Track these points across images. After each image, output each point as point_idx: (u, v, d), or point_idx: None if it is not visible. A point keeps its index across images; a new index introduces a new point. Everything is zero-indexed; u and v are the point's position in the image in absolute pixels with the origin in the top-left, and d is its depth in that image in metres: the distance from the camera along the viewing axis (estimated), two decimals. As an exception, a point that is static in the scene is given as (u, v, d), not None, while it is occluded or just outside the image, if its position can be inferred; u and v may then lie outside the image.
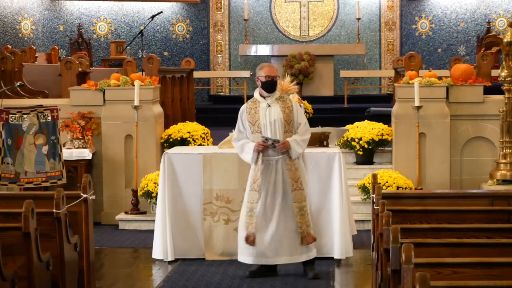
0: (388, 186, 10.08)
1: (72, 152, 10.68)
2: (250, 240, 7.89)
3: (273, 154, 7.89)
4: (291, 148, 7.83)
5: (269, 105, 7.93)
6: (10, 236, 5.77)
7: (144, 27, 14.86)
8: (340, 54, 18.78)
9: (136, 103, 10.63)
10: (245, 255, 8.03)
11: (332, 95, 17.32)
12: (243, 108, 8.06)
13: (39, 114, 9.18)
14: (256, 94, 8.06)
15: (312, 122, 11.08)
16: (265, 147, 7.83)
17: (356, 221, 9.50)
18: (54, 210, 6.28)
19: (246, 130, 7.99)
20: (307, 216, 7.94)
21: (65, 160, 9.48)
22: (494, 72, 12.76)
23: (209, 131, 11.82)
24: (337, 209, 8.42)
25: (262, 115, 7.90)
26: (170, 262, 8.65)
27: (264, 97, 7.99)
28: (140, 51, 17.98)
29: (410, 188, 10.19)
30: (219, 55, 19.48)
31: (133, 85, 10.79)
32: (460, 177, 10.91)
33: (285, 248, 7.95)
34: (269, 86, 7.97)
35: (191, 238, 8.82)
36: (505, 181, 10.53)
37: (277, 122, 7.88)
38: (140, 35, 14.13)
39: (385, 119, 11.88)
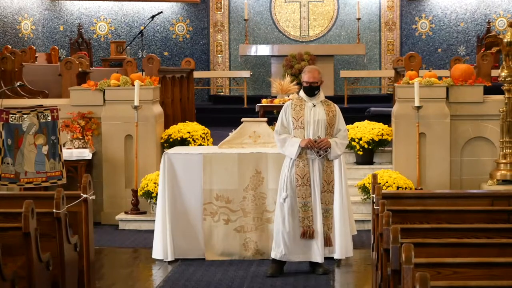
0: (388, 186, 10.08)
1: (72, 152, 10.67)
2: (310, 234, 7.98)
3: (311, 153, 7.99)
4: (331, 147, 7.96)
5: (314, 105, 8.08)
6: (10, 236, 5.76)
7: (144, 27, 14.87)
8: (340, 54, 18.79)
9: (136, 103, 10.63)
10: (277, 252, 8.11)
11: (332, 95, 17.33)
12: (287, 103, 8.21)
13: (39, 114, 9.18)
14: (302, 93, 8.22)
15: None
16: (313, 146, 7.92)
17: (356, 221, 9.51)
18: (54, 210, 6.28)
19: (288, 126, 8.08)
20: (331, 219, 8.06)
21: (65, 160, 9.48)
22: (494, 72, 12.76)
23: (209, 131, 11.83)
24: (337, 209, 8.42)
25: (307, 113, 8.05)
26: (170, 262, 8.65)
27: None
28: (140, 51, 17.98)
29: (410, 188, 10.19)
30: (219, 55, 19.48)
31: (133, 85, 10.79)
32: (460, 177, 10.91)
33: (308, 246, 8.09)
34: (308, 91, 8.15)
35: (191, 238, 8.82)
36: (505, 181, 10.53)
37: (321, 122, 8.03)
38: (140, 35, 14.14)
39: (385, 119, 11.88)
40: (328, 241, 8.04)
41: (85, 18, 19.26)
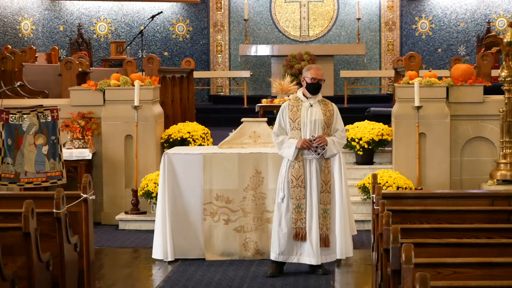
0: (388, 186, 10.08)
1: (72, 152, 10.67)
2: (302, 236, 7.96)
3: (308, 154, 7.97)
4: (328, 145, 7.92)
5: (311, 105, 8.04)
6: (10, 236, 5.76)
7: (144, 27, 14.87)
8: (340, 54, 18.80)
9: (136, 103, 10.63)
10: (276, 253, 8.09)
11: (332, 95, 17.33)
12: (285, 104, 8.18)
13: (39, 114, 9.18)
14: (299, 93, 8.18)
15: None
16: (309, 146, 7.89)
17: (356, 221, 9.51)
18: (54, 210, 6.28)
19: (286, 127, 8.06)
20: (329, 219, 8.04)
21: (65, 160, 9.48)
22: (494, 72, 12.76)
23: (209, 131, 11.83)
24: (337, 209, 8.42)
25: (303, 114, 8.01)
26: (170, 262, 8.65)
27: (306, 97, 8.10)
28: (140, 51, 17.98)
29: (410, 188, 10.19)
30: (219, 55, 19.48)
31: (133, 85, 10.79)
32: (460, 177, 10.91)
33: (302, 248, 8.05)
34: (314, 88, 8.10)
35: (191, 238, 8.82)
36: (505, 181, 10.53)
37: (318, 122, 7.99)
38: (140, 35, 14.13)
39: (385, 119, 11.88)
40: (326, 242, 8.02)
41: (85, 18, 19.26)
